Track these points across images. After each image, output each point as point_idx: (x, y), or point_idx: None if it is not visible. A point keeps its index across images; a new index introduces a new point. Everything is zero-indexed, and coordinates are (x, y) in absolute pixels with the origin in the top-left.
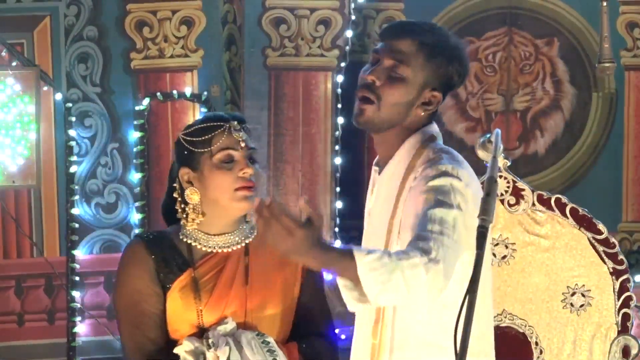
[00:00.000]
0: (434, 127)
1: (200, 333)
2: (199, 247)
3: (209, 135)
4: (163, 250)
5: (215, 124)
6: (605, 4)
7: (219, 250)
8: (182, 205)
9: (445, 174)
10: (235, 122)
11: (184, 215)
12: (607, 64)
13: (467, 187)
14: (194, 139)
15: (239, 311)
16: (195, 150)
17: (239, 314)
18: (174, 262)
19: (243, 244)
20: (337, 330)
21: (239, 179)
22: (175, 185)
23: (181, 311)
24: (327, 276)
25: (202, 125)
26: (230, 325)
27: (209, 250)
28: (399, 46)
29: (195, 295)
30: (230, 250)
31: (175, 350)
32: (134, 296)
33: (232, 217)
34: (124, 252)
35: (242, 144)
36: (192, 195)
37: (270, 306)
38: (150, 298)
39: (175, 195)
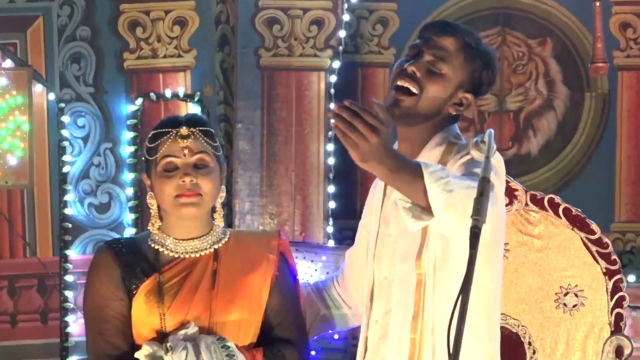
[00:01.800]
0: (457, 128)
1: (163, 338)
2: (165, 252)
3: (157, 143)
4: (129, 257)
5: (162, 130)
6: (598, 4)
7: (187, 256)
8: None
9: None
10: (184, 128)
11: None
12: (599, 64)
13: (499, 163)
14: (149, 145)
15: (203, 315)
16: (148, 157)
17: (203, 319)
18: (139, 268)
19: (212, 249)
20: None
21: (179, 187)
22: None
23: (145, 315)
24: (305, 280)
25: (154, 132)
26: (191, 329)
27: (176, 255)
28: (441, 43)
29: (159, 299)
30: (198, 255)
31: (136, 355)
32: (98, 301)
33: (189, 222)
34: (92, 259)
35: (186, 151)
36: (150, 201)
37: (235, 310)
38: (113, 303)
39: None
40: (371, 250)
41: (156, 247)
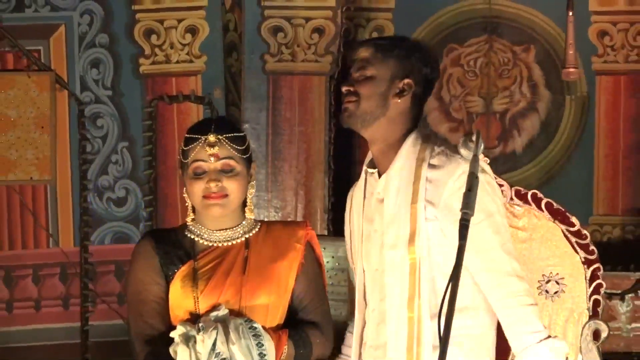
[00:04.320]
0: (429, 129)
1: (197, 319)
2: (201, 241)
3: (189, 147)
4: (167, 245)
5: (193, 136)
6: (571, 13)
7: (220, 244)
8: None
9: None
10: (212, 136)
11: None
12: (571, 69)
13: (494, 181)
14: (183, 147)
15: (234, 299)
16: (182, 159)
17: (233, 302)
18: (176, 255)
19: (243, 239)
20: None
21: (206, 189)
22: None
23: (180, 298)
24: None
25: (187, 136)
26: (222, 311)
27: (210, 244)
28: (360, 56)
29: (193, 283)
30: (230, 244)
31: (171, 334)
32: (138, 286)
33: (218, 217)
34: (135, 247)
35: (212, 158)
36: (185, 195)
37: (263, 295)
38: (151, 287)
39: None
40: (359, 251)
41: (192, 236)
